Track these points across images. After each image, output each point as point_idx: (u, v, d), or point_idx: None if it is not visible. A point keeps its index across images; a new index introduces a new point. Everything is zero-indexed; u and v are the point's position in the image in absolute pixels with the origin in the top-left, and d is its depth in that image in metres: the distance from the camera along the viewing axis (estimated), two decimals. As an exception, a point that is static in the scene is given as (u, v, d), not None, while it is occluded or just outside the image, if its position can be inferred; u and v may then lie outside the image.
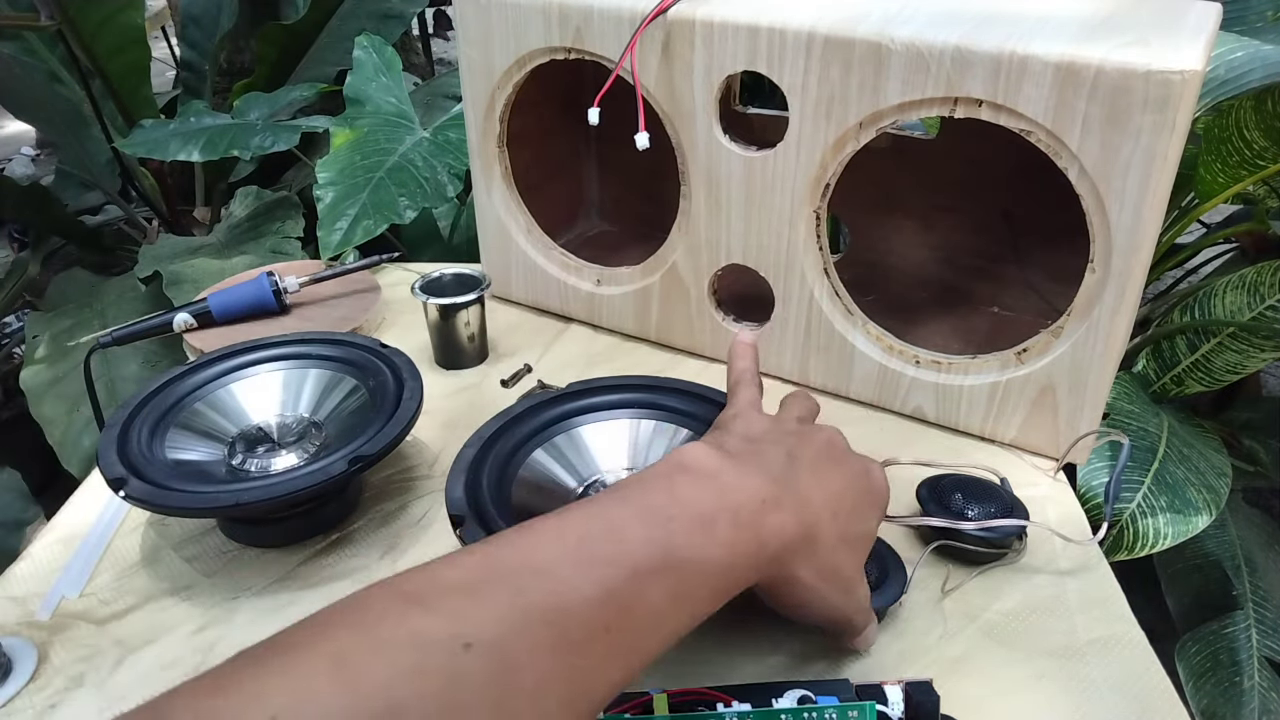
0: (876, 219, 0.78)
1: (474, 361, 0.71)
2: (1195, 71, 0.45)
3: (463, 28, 0.68)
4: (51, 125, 1.46)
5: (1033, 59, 0.48)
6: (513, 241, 0.75)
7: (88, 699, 0.44)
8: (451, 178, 0.95)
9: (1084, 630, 0.47)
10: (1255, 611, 0.93)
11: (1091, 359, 0.55)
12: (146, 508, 0.47)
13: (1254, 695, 0.87)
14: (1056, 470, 0.58)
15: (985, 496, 0.51)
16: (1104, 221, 0.50)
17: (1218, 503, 0.81)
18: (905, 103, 0.53)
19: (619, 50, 0.61)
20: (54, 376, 1.11)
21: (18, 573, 0.52)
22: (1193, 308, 1.00)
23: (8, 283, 1.45)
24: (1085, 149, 0.49)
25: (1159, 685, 0.44)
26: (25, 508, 1.10)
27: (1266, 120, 0.94)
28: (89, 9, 1.36)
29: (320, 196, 0.92)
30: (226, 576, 0.51)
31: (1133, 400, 0.92)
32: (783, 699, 0.39)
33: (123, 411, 0.53)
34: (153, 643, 0.47)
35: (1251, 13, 1.07)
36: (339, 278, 0.77)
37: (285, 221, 1.20)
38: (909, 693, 0.39)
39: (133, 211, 1.60)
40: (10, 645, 0.45)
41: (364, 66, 1.06)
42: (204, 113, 1.29)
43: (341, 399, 0.58)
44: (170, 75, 1.88)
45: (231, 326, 0.72)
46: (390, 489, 0.58)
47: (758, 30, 0.56)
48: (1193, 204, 1.11)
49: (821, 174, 0.58)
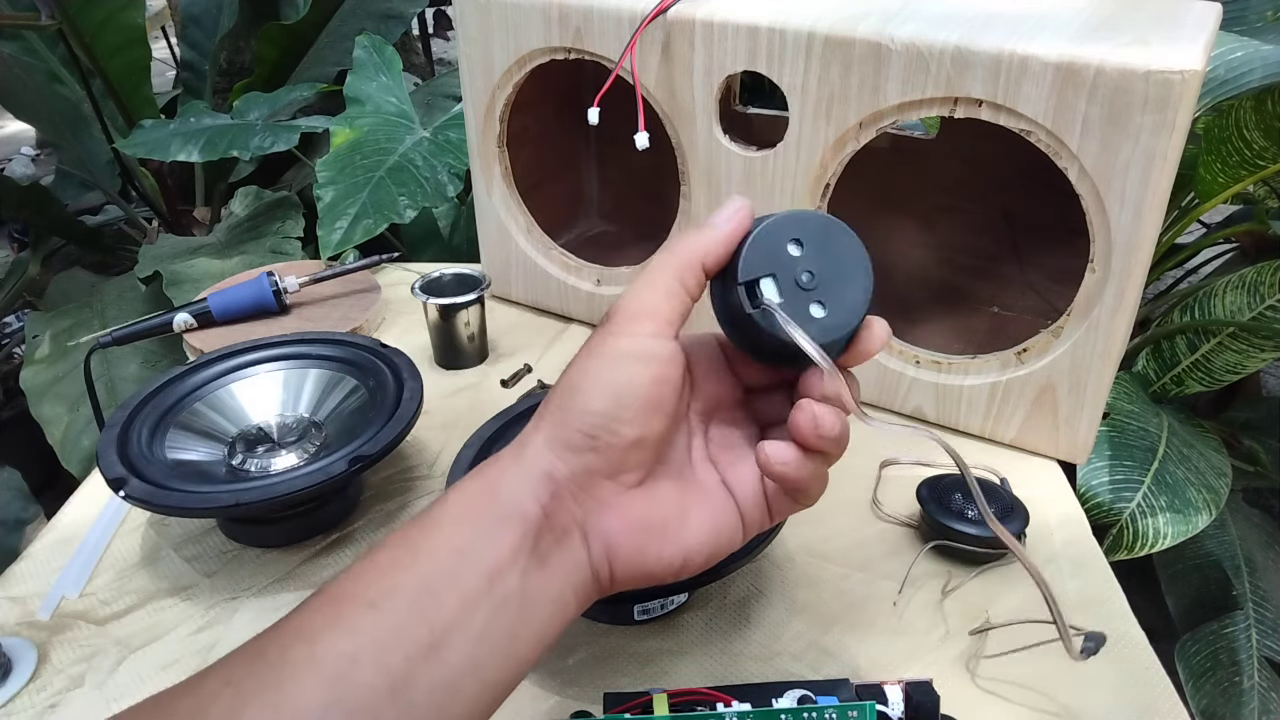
0: (876, 219, 0.78)
1: (474, 361, 0.71)
2: (1195, 71, 0.45)
3: (463, 27, 0.68)
4: (51, 125, 1.46)
5: (1033, 59, 0.48)
6: (513, 241, 0.75)
7: (88, 699, 0.44)
8: (451, 178, 0.95)
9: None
10: (1255, 611, 0.92)
11: (1091, 359, 0.55)
12: (146, 508, 0.47)
13: (1254, 695, 0.87)
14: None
15: (985, 496, 0.51)
16: (1104, 221, 0.50)
17: (1218, 503, 0.81)
18: (905, 103, 0.53)
19: (619, 50, 0.61)
20: (54, 376, 1.11)
21: (18, 573, 0.52)
22: (1193, 308, 1.00)
23: (8, 283, 1.45)
24: (1085, 149, 0.49)
25: (1159, 685, 0.44)
26: (25, 507, 1.10)
27: (1266, 120, 0.94)
28: (89, 9, 1.36)
29: (320, 195, 0.92)
30: (226, 576, 0.51)
31: (1133, 400, 0.92)
32: (783, 699, 0.39)
33: (123, 411, 0.53)
34: (153, 643, 0.47)
35: (1251, 13, 1.07)
36: (339, 278, 0.77)
37: (285, 221, 1.19)
38: (909, 693, 0.39)
39: (133, 211, 1.60)
40: (10, 645, 0.45)
41: (364, 66, 1.06)
42: (204, 113, 1.29)
43: (341, 399, 0.58)
44: (170, 75, 1.87)
45: (231, 326, 0.72)
46: (390, 489, 0.58)
47: (758, 30, 0.56)
48: (1193, 204, 1.11)
49: (821, 174, 0.58)
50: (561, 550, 0.31)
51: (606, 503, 0.32)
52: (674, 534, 0.33)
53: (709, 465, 0.35)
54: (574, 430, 0.31)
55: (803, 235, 0.32)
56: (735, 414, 0.36)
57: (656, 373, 0.32)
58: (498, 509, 0.31)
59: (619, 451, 0.31)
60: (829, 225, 0.32)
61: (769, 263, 0.32)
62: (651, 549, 0.32)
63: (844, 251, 0.32)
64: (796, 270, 0.32)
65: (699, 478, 0.35)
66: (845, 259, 0.32)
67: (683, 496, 0.34)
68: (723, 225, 0.33)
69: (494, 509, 0.31)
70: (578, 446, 0.31)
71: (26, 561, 0.53)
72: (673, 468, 0.34)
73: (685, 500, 0.34)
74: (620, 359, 0.32)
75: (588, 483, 0.32)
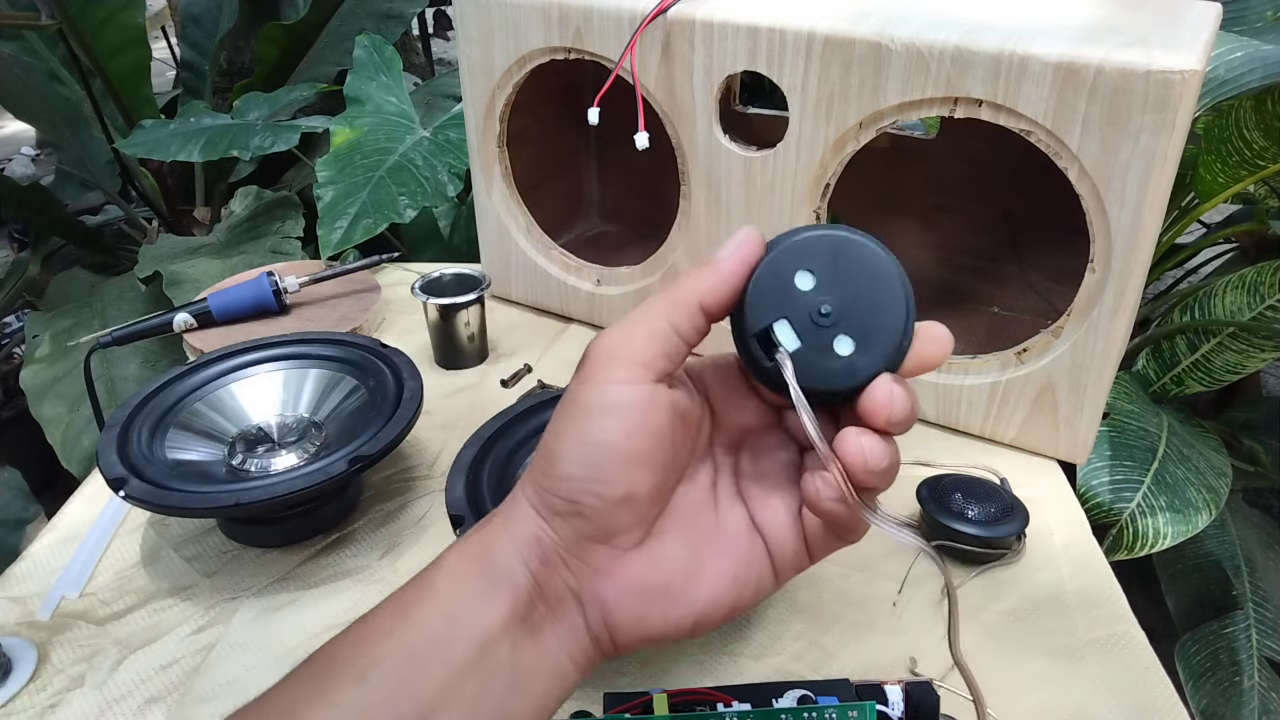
0: (876, 219, 0.78)
1: (474, 361, 0.71)
2: (1195, 71, 0.45)
3: (463, 27, 0.68)
4: (51, 125, 1.46)
5: (1033, 59, 0.48)
6: (513, 241, 0.75)
7: (88, 699, 0.44)
8: (451, 177, 0.95)
9: (1084, 630, 0.47)
10: (1255, 611, 0.92)
11: (1091, 359, 0.55)
12: (146, 508, 0.47)
13: (1254, 695, 0.87)
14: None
15: (985, 496, 0.51)
16: (1104, 221, 0.50)
17: (1218, 503, 0.81)
18: (905, 103, 0.53)
19: (619, 50, 0.61)
20: (54, 376, 1.11)
21: (18, 573, 0.52)
22: (1193, 308, 1.00)
23: (8, 283, 1.45)
24: (1085, 149, 0.49)
25: (1159, 685, 0.44)
26: (25, 507, 1.10)
27: (1266, 120, 0.94)
28: (89, 8, 1.36)
29: (320, 195, 0.92)
30: (226, 576, 0.51)
31: (1133, 400, 0.92)
32: (783, 699, 0.39)
33: (123, 411, 0.53)
34: (153, 643, 0.47)
35: (1251, 13, 1.07)
36: (339, 278, 0.77)
37: (285, 221, 1.19)
38: (909, 693, 0.39)
39: (133, 211, 1.60)
40: (10, 645, 0.45)
41: (364, 66, 1.06)
42: (204, 113, 1.29)
43: (341, 399, 0.58)
44: (170, 75, 1.87)
45: (231, 326, 0.72)
46: (390, 489, 0.58)
47: (758, 30, 0.56)
48: (1193, 204, 1.11)
49: (821, 174, 0.58)
50: (556, 620, 0.29)
51: (600, 569, 0.29)
52: (682, 594, 0.30)
53: (737, 504, 0.32)
54: (554, 496, 0.29)
55: (812, 263, 0.28)
56: (768, 439, 0.33)
57: (631, 425, 0.28)
58: (488, 575, 0.29)
59: (605, 514, 0.29)
60: (840, 243, 0.28)
61: (778, 304, 0.28)
62: (655, 614, 0.30)
63: (865, 267, 0.28)
64: (812, 305, 0.28)
65: (720, 523, 0.31)
66: (867, 276, 0.28)
67: (695, 549, 0.31)
68: (724, 261, 0.29)
69: (485, 575, 0.29)
70: (561, 511, 0.29)
71: (26, 561, 0.53)
72: (682, 518, 0.31)
73: (699, 553, 0.30)
74: (589, 414, 0.29)
75: (578, 549, 0.29)
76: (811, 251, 0.28)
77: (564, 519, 0.29)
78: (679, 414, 0.30)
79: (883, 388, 0.28)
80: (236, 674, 0.45)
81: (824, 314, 0.28)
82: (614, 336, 0.30)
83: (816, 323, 0.28)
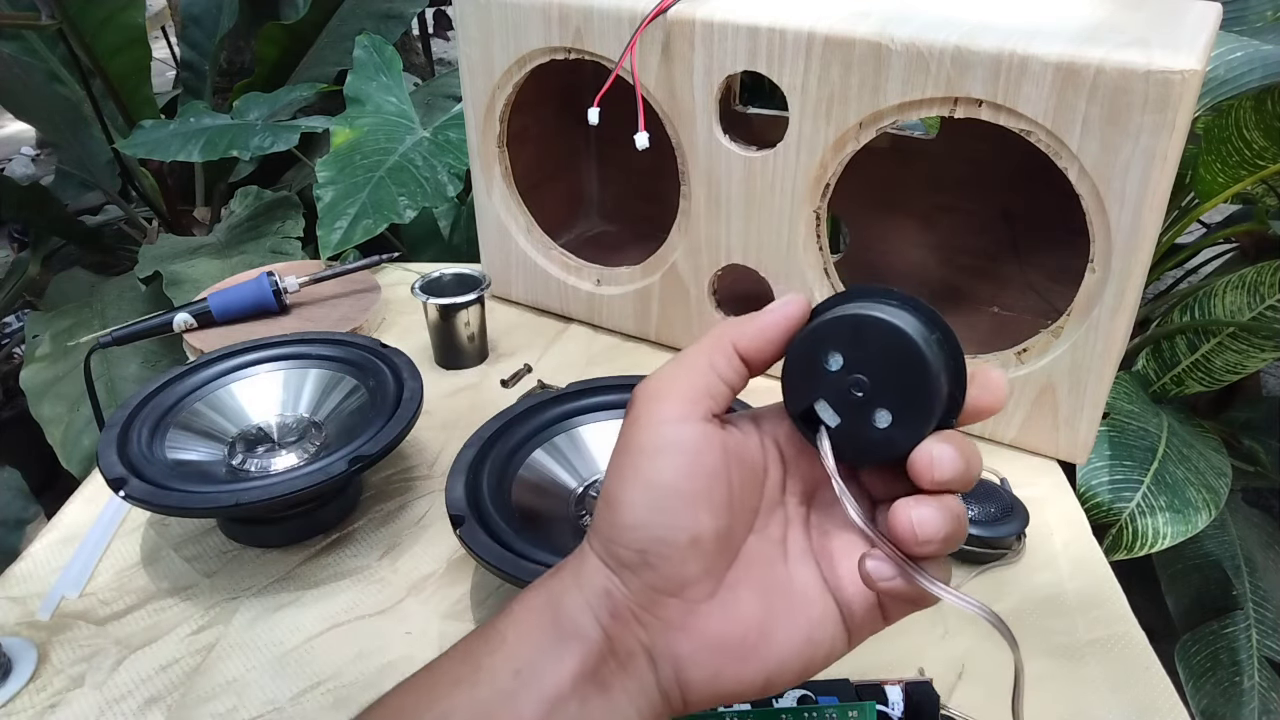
0: (877, 219, 0.78)
1: (474, 361, 0.71)
2: (1195, 71, 0.45)
3: (463, 28, 0.68)
4: (51, 125, 1.46)
5: (1033, 59, 0.48)
6: (513, 241, 0.75)
7: (88, 699, 0.44)
8: (451, 178, 0.95)
9: (1084, 630, 0.47)
10: (1255, 611, 0.93)
11: (1091, 359, 0.55)
12: (146, 508, 0.47)
13: (1254, 695, 0.87)
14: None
15: (985, 496, 0.51)
16: (1104, 221, 0.50)
17: (1218, 503, 0.81)
18: (905, 103, 0.53)
19: (619, 50, 0.61)
20: (54, 376, 1.11)
21: (18, 573, 0.52)
22: (1193, 308, 1.00)
23: (8, 283, 1.45)
24: (1085, 149, 0.49)
25: (1159, 685, 0.44)
26: (25, 507, 1.10)
27: (1266, 120, 0.94)
28: (89, 8, 1.36)
29: (320, 195, 0.92)
30: (226, 576, 0.51)
31: (1133, 400, 0.92)
32: (783, 699, 0.39)
33: (123, 411, 0.53)
34: (153, 643, 0.47)
35: (1251, 13, 1.07)
36: (339, 278, 0.77)
37: (285, 221, 1.19)
38: (909, 693, 0.39)
39: (133, 211, 1.60)
40: (10, 645, 0.46)
41: (364, 66, 1.06)
42: (204, 113, 1.29)
43: (341, 399, 0.58)
44: (170, 75, 1.88)
45: (231, 326, 0.72)
46: (390, 489, 0.58)
47: (758, 30, 0.56)
48: (1193, 204, 1.11)
49: (821, 174, 0.58)
50: (626, 676, 0.28)
51: (673, 623, 0.28)
52: (755, 650, 0.29)
53: (809, 561, 0.30)
54: (621, 547, 0.28)
55: (835, 345, 0.28)
56: None
57: (687, 464, 0.28)
58: (558, 629, 0.28)
59: (673, 561, 0.28)
60: (857, 322, 0.28)
61: (813, 386, 0.29)
62: (729, 671, 0.29)
63: (884, 341, 0.28)
64: (844, 383, 0.28)
65: (792, 580, 0.30)
66: (888, 349, 0.28)
67: (768, 604, 0.29)
68: (764, 315, 0.29)
69: (554, 629, 0.29)
70: (630, 563, 0.28)
71: (26, 561, 0.53)
72: (754, 570, 0.30)
73: (771, 608, 0.29)
74: (645, 455, 0.28)
75: (650, 603, 0.28)
76: (833, 335, 0.28)
77: (633, 571, 0.28)
78: (734, 455, 0.30)
79: (923, 452, 0.27)
80: (236, 674, 0.45)
81: (857, 391, 0.28)
82: (658, 378, 0.30)
83: (853, 399, 0.28)
